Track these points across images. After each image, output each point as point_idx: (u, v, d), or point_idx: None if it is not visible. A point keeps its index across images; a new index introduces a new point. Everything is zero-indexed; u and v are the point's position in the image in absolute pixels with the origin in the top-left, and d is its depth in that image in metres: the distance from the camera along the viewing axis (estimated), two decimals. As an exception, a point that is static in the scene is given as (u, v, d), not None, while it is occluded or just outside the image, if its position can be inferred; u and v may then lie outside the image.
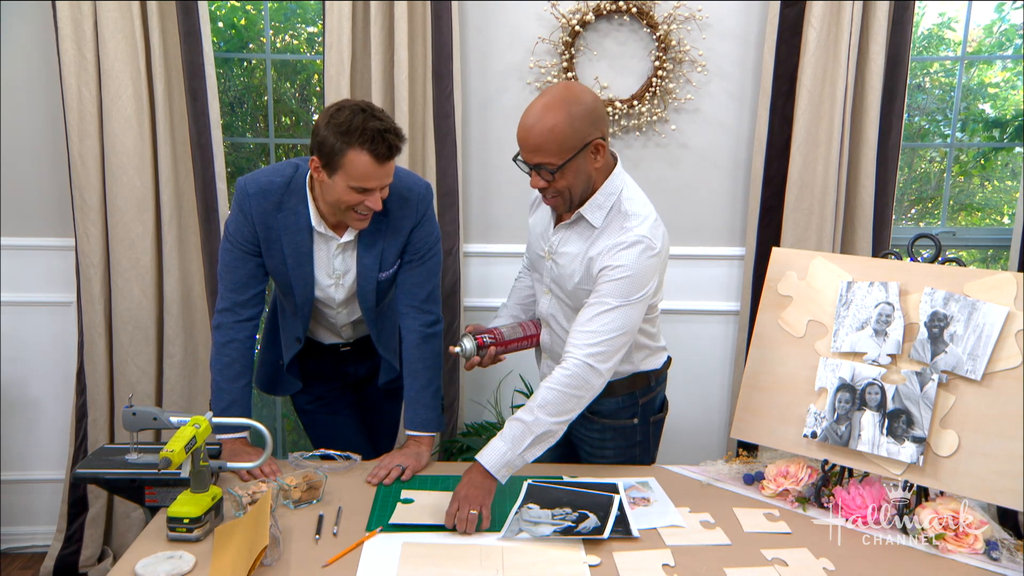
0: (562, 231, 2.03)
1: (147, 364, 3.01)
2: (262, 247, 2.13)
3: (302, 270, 2.14)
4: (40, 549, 3.22)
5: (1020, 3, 3.18)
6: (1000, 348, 1.80)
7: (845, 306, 2.01)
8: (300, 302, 2.19)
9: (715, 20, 2.94)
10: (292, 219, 2.09)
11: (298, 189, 2.10)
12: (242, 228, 2.10)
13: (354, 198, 1.98)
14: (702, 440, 3.22)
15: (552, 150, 1.83)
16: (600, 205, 1.95)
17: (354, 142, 1.90)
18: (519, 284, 2.35)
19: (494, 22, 2.96)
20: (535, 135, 1.83)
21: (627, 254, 1.88)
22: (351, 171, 1.93)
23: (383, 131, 1.92)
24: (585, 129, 1.85)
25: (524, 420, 1.86)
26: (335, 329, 2.34)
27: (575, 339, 1.89)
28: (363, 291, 2.19)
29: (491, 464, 1.84)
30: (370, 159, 1.91)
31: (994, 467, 1.76)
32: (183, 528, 1.72)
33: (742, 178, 3.07)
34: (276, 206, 2.09)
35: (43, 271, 3.08)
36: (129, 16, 2.77)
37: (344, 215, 2.05)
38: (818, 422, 1.98)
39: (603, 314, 1.87)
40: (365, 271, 2.17)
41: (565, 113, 1.82)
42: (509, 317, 2.28)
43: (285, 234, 2.10)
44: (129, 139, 2.84)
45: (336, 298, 2.21)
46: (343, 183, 1.95)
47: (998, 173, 3.55)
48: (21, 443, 3.21)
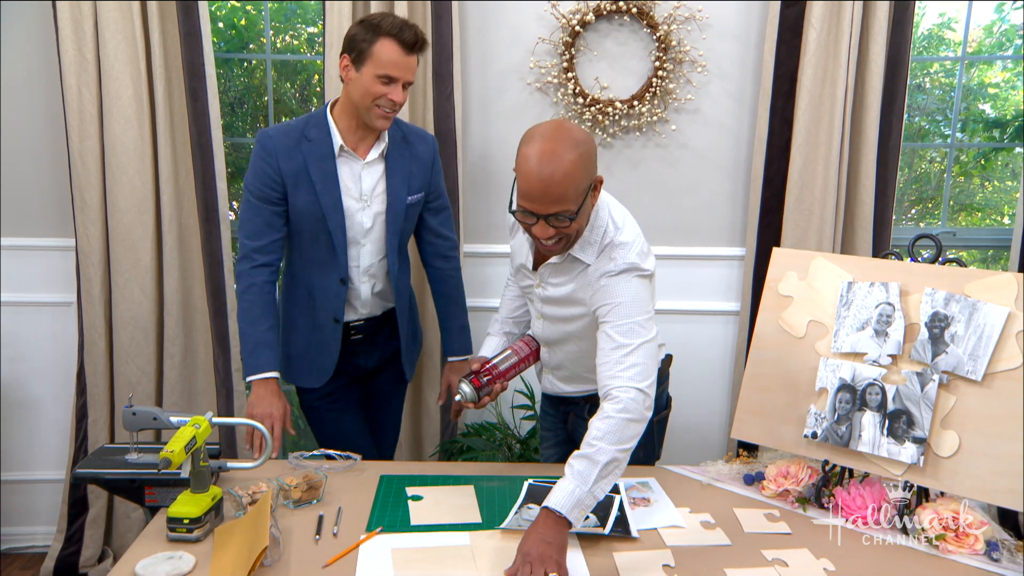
0: (547, 268, 1.96)
1: (147, 364, 3.00)
2: (288, 184, 2.21)
3: (331, 195, 2.22)
4: (40, 549, 3.21)
5: (1020, 3, 3.18)
6: (1001, 349, 1.80)
7: (846, 306, 2.01)
8: (334, 230, 2.24)
9: (715, 20, 2.94)
10: (317, 147, 2.22)
11: (319, 120, 2.25)
12: (262, 174, 2.21)
13: (380, 89, 2.13)
14: (702, 440, 3.21)
15: (571, 196, 1.72)
16: (590, 242, 1.88)
17: (383, 32, 2.11)
18: (508, 294, 2.31)
19: (494, 22, 2.96)
20: (556, 184, 1.69)
21: (627, 287, 1.84)
22: (379, 59, 2.11)
23: (408, 23, 2.15)
24: (592, 167, 1.78)
25: (586, 455, 1.71)
26: (355, 292, 2.34)
27: (614, 371, 1.79)
28: (392, 212, 2.30)
29: (561, 505, 1.67)
30: (396, 46, 2.11)
31: (994, 468, 1.76)
32: (183, 528, 1.72)
33: (742, 178, 3.07)
34: (300, 138, 2.23)
35: (43, 271, 3.08)
36: (129, 16, 2.77)
37: (368, 114, 2.18)
38: (818, 422, 1.98)
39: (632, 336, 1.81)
40: (395, 190, 2.29)
41: (576, 154, 1.71)
42: (502, 335, 2.26)
43: (311, 161, 2.21)
44: (129, 139, 2.84)
45: (364, 224, 2.28)
46: (371, 73, 2.12)
47: (998, 173, 3.55)
48: (21, 443, 3.21)
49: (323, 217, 2.23)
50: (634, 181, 3.04)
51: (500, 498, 1.93)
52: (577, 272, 1.92)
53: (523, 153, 1.73)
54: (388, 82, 2.14)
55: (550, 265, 1.96)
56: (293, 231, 2.29)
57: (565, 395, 2.19)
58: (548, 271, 1.97)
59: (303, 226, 2.26)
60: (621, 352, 1.79)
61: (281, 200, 2.23)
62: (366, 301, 2.38)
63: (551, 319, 2.05)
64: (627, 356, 1.79)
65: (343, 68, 2.18)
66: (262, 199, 2.22)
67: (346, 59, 2.17)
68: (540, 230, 1.77)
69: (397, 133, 2.33)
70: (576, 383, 2.15)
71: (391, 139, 2.30)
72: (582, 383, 2.14)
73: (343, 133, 2.24)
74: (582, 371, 2.10)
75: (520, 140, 1.78)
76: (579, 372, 2.11)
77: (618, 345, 1.80)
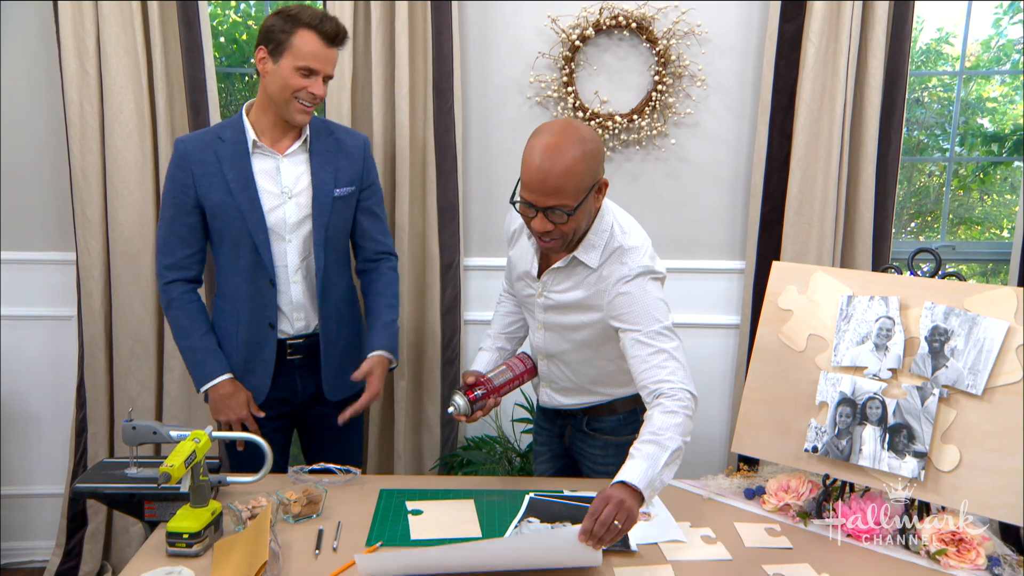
0: (550, 274, 1.97)
1: (147, 378, 3.00)
2: (199, 187, 2.17)
3: (247, 192, 2.17)
4: (39, 564, 3.20)
5: (1017, 19, 3.19)
6: (1001, 363, 1.79)
7: (845, 320, 2.01)
8: (254, 229, 2.18)
9: (714, 35, 2.96)
10: (230, 146, 2.19)
11: (234, 121, 2.23)
12: (175, 180, 2.19)
13: (299, 82, 2.10)
14: (703, 454, 3.21)
15: (571, 191, 1.74)
16: (594, 245, 1.90)
17: (302, 23, 2.08)
18: (501, 310, 2.29)
19: (494, 37, 2.97)
20: (555, 177, 1.72)
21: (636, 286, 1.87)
22: (298, 51, 2.08)
23: (329, 15, 2.12)
24: (596, 168, 1.79)
25: (653, 441, 1.72)
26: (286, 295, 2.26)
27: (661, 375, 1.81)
28: (319, 204, 2.23)
29: (636, 480, 1.66)
30: (317, 37, 2.08)
31: (995, 482, 1.76)
32: (182, 543, 1.71)
33: (742, 192, 3.07)
34: (213, 140, 2.20)
35: (44, 285, 3.09)
36: (131, 31, 2.79)
37: (286, 108, 2.14)
38: (819, 436, 1.98)
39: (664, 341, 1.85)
40: (321, 184, 2.23)
41: (580, 151, 1.73)
42: (495, 350, 2.23)
43: (224, 160, 2.17)
44: (131, 153, 2.85)
45: (288, 218, 2.22)
46: (289, 65, 2.09)
47: (997, 187, 3.56)
48: (21, 457, 3.20)
49: (241, 216, 2.17)
50: (634, 194, 3.05)
51: (500, 512, 1.93)
52: (583, 277, 1.93)
53: (529, 145, 1.77)
54: (308, 75, 2.11)
55: (554, 271, 1.96)
56: (216, 240, 2.24)
57: (563, 408, 2.18)
58: (552, 278, 1.97)
59: (224, 230, 2.21)
60: (661, 357, 1.83)
61: (195, 207, 2.19)
62: (299, 306, 2.28)
63: (554, 328, 2.04)
64: (668, 361, 1.83)
65: (259, 60, 2.14)
66: (176, 206, 2.20)
67: (263, 51, 2.13)
68: (538, 223, 1.79)
69: (323, 127, 2.30)
70: (575, 395, 2.14)
71: (314, 132, 2.26)
72: (581, 395, 2.13)
73: (259, 130, 2.20)
74: (584, 382, 2.10)
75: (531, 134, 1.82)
76: (581, 384, 2.11)
77: (657, 350, 1.83)
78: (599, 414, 2.15)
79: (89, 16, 2.76)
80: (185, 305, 2.24)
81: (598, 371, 2.08)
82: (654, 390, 1.81)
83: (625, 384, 2.07)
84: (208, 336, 2.24)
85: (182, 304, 2.24)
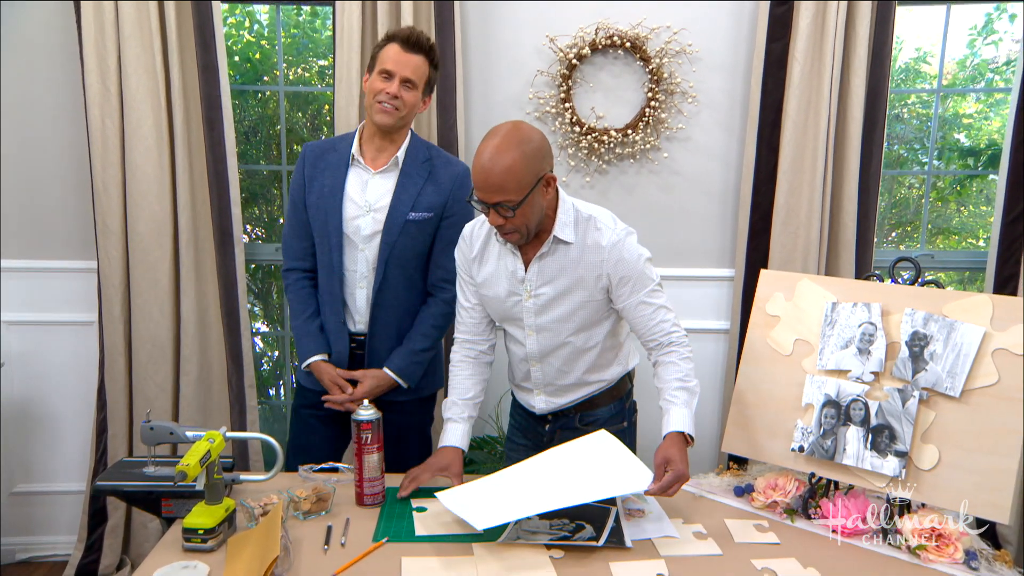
0: (536, 264, 1.99)
1: (164, 381, 3.00)
2: (306, 185, 2.32)
3: (334, 199, 2.28)
4: (62, 558, 3.20)
5: (992, 39, 3.20)
6: (977, 366, 1.79)
7: (830, 326, 2.01)
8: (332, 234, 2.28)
9: (705, 54, 2.96)
10: (339, 156, 2.32)
11: (350, 136, 2.35)
12: (296, 179, 2.36)
13: (378, 85, 2.21)
14: (694, 454, 3.16)
15: (512, 188, 1.82)
16: (565, 223, 1.97)
17: (389, 39, 2.23)
18: (461, 373, 2.17)
19: (495, 56, 2.98)
20: (496, 175, 1.81)
21: (627, 249, 1.97)
22: (381, 59, 2.21)
23: (412, 28, 2.26)
24: (538, 165, 1.86)
25: (686, 388, 1.98)
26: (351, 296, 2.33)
27: (657, 323, 2.01)
28: (390, 222, 2.27)
29: (687, 426, 1.93)
30: (396, 45, 2.20)
31: (973, 480, 1.76)
32: (198, 539, 1.71)
33: (731, 203, 3.07)
34: (329, 149, 2.34)
35: (67, 292, 3.09)
36: (151, 51, 2.79)
37: (371, 111, 2.23)
38: (805, 437, 1.97)
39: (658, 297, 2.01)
40: (398, 204, 2.27)
41: (520, 152, 1.81)
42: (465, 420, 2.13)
43: (329, 168, 2.31)
44: (149, 167, 2.85)
45: (363, 230, 2.28)
46: (376, 73, 2.22)
47: (973, 199, 3.56)
48: (44, 456, 3.20)
49: (325, 219, 2.28)
50: (628, 206, 3.05)
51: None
52: (566, 257, 1.98)
53: (478, 147, 1.86)
54: (387, 77, 2.19)
55: (539, 259, 1.99)
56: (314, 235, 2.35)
57: (558, 409, 2.16)
58: (538, 269, 2.00)
59: (313, 227, 2.32)
60: (662, 312, 2.02)
61: (304, 204, 2.33)
62: (361, 309, 2.33)
63: (546, 327, 2.05)
64: (668, 314, 2.03)
65: (364, 84, 2.27)
66: (294, 203, 2.35)
67: (366, 75, 2.27)
68: (492, 218, 1.89)
69: (423, 153, 2.32)
70: (571, 392, 2.13)
71: (412, 155, 2.30)
72: (577, 390, 2.13)
73: (363, 144, 2.30)
74: (579, 373, 2.10)
75: None
76: (576, 377, 2.10)
77: (657, 307, 2.01)
78: (591, 407, 2.15)
79: (111, 37, 2.77)
80: (297, 291, 2.37)
81: (590, 356, 2.09)
82: (663, 341, 2.02)
83: (612, 363, 2.14)
84: (311, 320, 2.35)
85: (294, 289, 2.37)
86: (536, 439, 2.24)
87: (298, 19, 3.54)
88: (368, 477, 1.94)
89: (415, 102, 2.24)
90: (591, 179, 3.03)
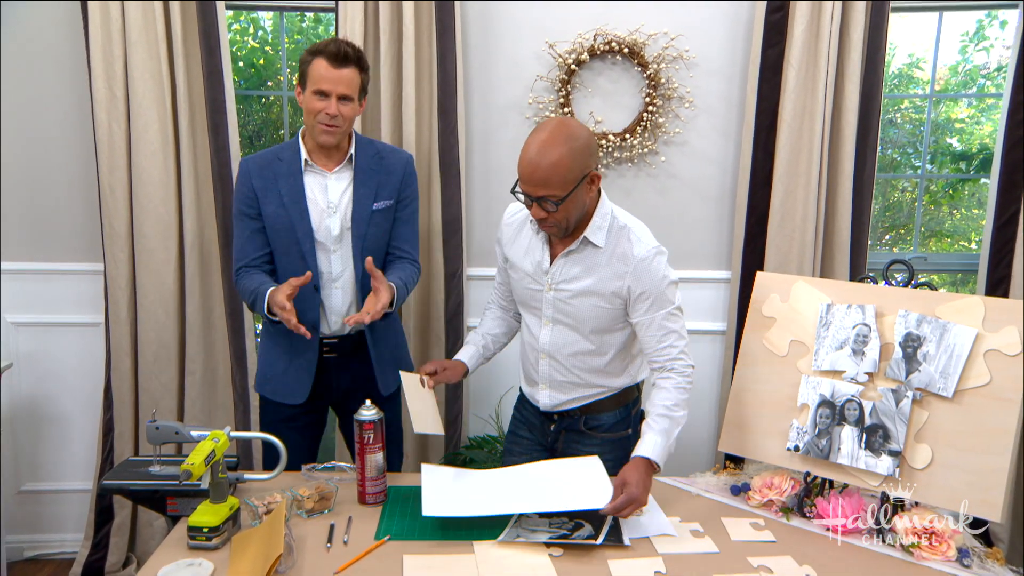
0: (562, 260, 2.01)
1: (170, 381, 3.00)
2: (259, 199, 2.24)
3: (298, 205, 2.23)
4: (69, 555, 3.20)
5: (983, 45, 3.20)
6: (970, 367, 1.79)
7: (825, 327, 2.01)
8: (302, 237, 2.23)
9: (702, 60, 2.96)
10: (286, 165, 2.26)
11: (291, 144, 2.29)
12: (239, 193, 2.28)
13: (316, 105, 2.15)
14: (692, 453, 3.20)
15: (557, 183, 1.82)
16: (599, 227, 1.97)
17: (315, 52, 2.15)
18: (490, 315, 2.33)
19: (495, 61, 2.98)
20: (542, 170, 1.81)
21: (654, 268, 1.95)
22: (312, 77, 2.15)
23: (341, 41, 2.17)
24: (584, 162, 1.85)
25: (670, 416, 1.95)
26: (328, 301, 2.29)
27: (666, 347, 1.99)
28: (357, 216, 2.26)
29: (657, 456, 1.90)
30: (325, 61, 2.13)
31: (965, 479, 1.75)
32: (202, 537, 1.71)
33: (728, 206, 3.07)
34: (272, 160, 2.27)
35: (74, 294, 3.08)
36: (157, 57, 2.79)
37: (314, 131, 2.20)
38: (800, 436, 1.97)
39: (674, 322, 1.99)
40: (360, 197, 2.27)
41: (568, 148, 1.81)
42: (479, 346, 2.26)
43: (280, 177, 2.25)
44: (155, 171, 2.85)
45: (332, 230, 2.26)
46: (310, 92, 2.16)
47: (965, 202, 3.56)
48: (52, 455, 3.20)
49: (292, 226, 2.23)
50: (627, 209, 2.99)
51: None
52: (593, 259, 1.98)
53: (526, 141, 1.86)
54: (323, 96, 2.14)
55: (566, 256, 1.99)
56: (272, 247, 2.29)
57: (563, 409, 2.16)
58: (563, 265, 2.00)
59: (277, 237, 2.26)
60: (673, 337, 1.99)
61: (257, 215, 2.26)
62: (338, 310, 2.31)
63: (563, 321, 2.05)
64: (678, 340, 2.00)
65: (297, 96, 2.23)
66: (243, 215, 2.27)
67: (298, 87, 2.22)
68: (535, 211, 1.90)
69: (370, 147, 2.33)
70: (576, 390, 2.12)
71: (362, 151, 2.30)
72: (582, 390, 2.12)
73: (310, 152, 2.26)
74: (586, 375, 2.10)
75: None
76: (583, 378, 2.10)
77: (669, 331, 1.99)
78: (597, 411, 2.14)
79: (117, 43, 2.77)
80: (252, 274, 2.26)
81: (599, 361, 2.08)
82: (665, 364, 2.00)
83: (620, 374, 2.12)
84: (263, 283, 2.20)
85: (249, 273, 2.27)
86: (541, 436, 2.24)
87: (301, 25, 3.55)
88: (370, 476, 1.94)
89: (354, 113, 2.22)
90: (590, 183, 3.03)
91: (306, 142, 2.27)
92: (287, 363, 2.33)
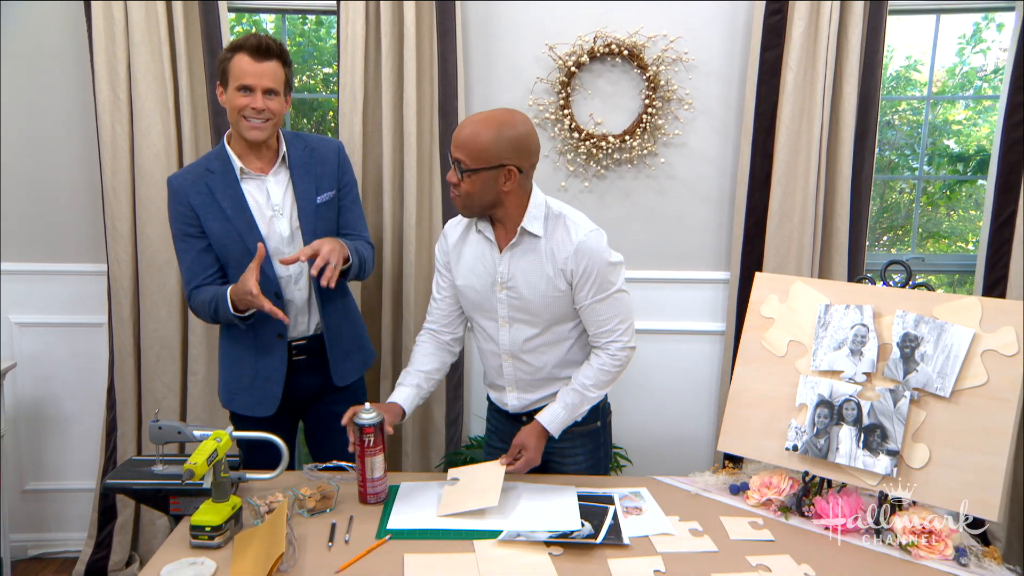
0: (507, 254, 2.01)
1: (172, 381, 3.00)
2: (200, 216, 2.17)
3: (244, 216, 2.18)
4: (72, 554, 3.20)
5: (980, 47, 3.20)
6: (967, 367, 1.79)
7: (823, 327, 2.01)
8: (255, 249, 2.09)
9: (700, 62, 2.96)
10: (220, 176, 2.19)
11: (218, 152, 2.23)
12: (176, 213, 2.20)
13: (241, 101, 2.10)
14: (691, 453, 3.20)
15: (469, 153, 1.88)
16: (536, 216, 1.98)
17: (234, 48, 2.10)
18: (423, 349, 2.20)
19: (496, 63, 2.98)
20: (462, 134, 1.89)
21: (592, 249, 1.96)
22: (235, 73, 2.10)
23: (257, 35, 2.12)
24: (504, 152, 1.89)
25: (580, 392, 2.05)
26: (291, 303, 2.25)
27: (606, 331, 2.03)
28: (303, 213, 2.23)
29: (552, 427, 2.05)
30: (245, 55, 2.08)
31: (962, 479, 1.75)
32: (205, 536, 1.71)
33: (727, 208, 3.07)
34: (203, 173, 2.20)
35: (77, 295, 3.09)
36: (160, 59, 2.80)
37: (240, 127, 2.14)
38: (799, 436, 1.97)
39: (615, 305, 2.02)
40: (303, 194, 2.24)
41: (496, 131, 1.87)
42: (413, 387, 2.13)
43: (217, 190, 2.18)
44: (158, 172, 2.85)
45: (282, 232, 2.21)
46: (233, 88, 2.11)
47: (963, 203, 3.56)
48: (56, 455, 3.20)
49: (241, 238, 2.16)
50: (626, 210, 3.05)
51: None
52: (535, 250, 1.99)
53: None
54: (247, 92, 2.10)
55: (511, 251, 2.01)
56: (222, 262, 2.23)
57: (531, 407, 2.15)
58: (509, 260, 2.01)
59: (227, 252, 2.19)
60: (615, 320, 2.03)
61: (200, 234, 2.19)
62: (303, 311, 2.27)
63: (519, 318, 2.05)
64: (620, 323, 2.04)
65: (220, 97, 2.17)
66: (185, 236, 2.20)
67: (219, 87, 2.16)
68: (449, 174, 1.95)
69: (299, 142, 2.28)
70: (543, 388, 2.13)
71: (292, 149, 2.25)
72: (549, 385, 2.12)
73: (241, 157, 2.20)
74: (550, 368, 2.10)
75: None
76: (548, 373, 2.10)
77: (610, 315, 2.02)
78: None
79: (121, 45, 2.77)
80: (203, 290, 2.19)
81: (559, 351, 2.09)
82: (600, 343, 2.06)
83: (583, 360, 2.12)
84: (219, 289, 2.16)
85: (200, 292, 2.19)
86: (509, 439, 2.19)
87: (303, 28, 3.55)
88: (371, 478, 1.94)
89: (281, 108, 2.16)
90: (589, 184, 3.03)
91: (234, 146, 2.21)
92: (254, 373, 2.27)
